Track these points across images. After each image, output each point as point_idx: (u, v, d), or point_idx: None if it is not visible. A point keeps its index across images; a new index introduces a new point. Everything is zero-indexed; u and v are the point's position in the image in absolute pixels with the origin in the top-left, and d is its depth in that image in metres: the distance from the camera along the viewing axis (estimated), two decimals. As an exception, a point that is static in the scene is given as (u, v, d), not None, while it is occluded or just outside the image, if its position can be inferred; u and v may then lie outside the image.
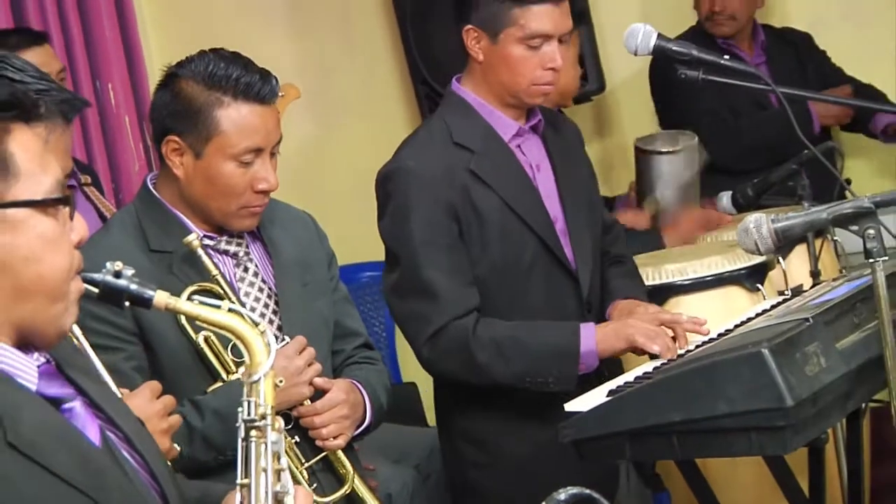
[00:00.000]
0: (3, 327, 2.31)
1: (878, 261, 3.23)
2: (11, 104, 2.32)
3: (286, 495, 2.50)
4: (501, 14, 3.97)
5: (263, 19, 6.61)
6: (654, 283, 4.45)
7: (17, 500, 2.23)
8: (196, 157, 3.59)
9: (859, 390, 3.63)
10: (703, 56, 4.02)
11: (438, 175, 3.97)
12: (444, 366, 3.99)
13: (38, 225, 2.31)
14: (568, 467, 3.53)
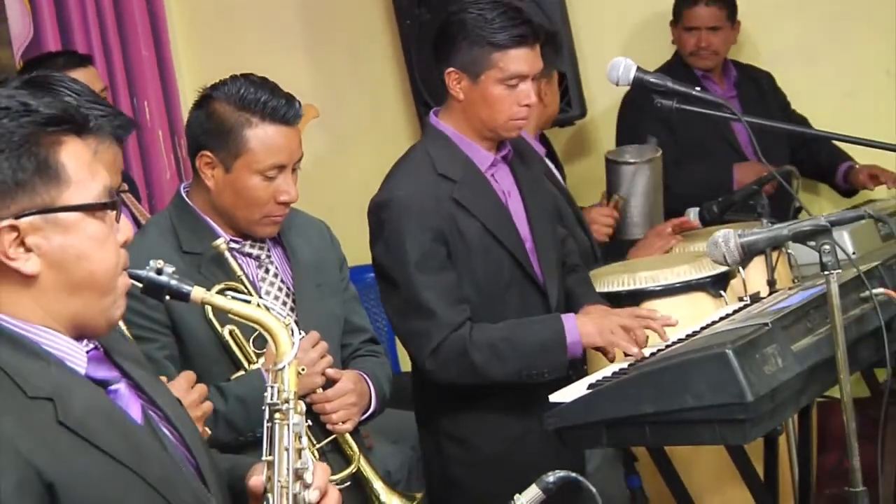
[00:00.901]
0: (59, 318, 2.33)
1: (833, 273, 3.24)
2: (64, 119, 2.33)
3: (306, 471, 2.51)
4: (482, 58, 3.97)
5: (283, 46, 6.61)
6: (629, 289, 4.44)
7: (68, 474, 2.23)
8: (226, 170, 3.59)
9: (811, 388, 3.64)
10: (676, 87, 4.02)
11: (427, 204, 3.96)
12: (446, 375, 3.98)
13: (87, 227, 2.32)
14: (539, 463, 3.52)
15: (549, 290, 4.14)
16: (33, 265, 2.28)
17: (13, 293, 2.30)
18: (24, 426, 2.21)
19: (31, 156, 2.27)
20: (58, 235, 2.29)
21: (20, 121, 2.27)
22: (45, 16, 5.89)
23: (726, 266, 3.52)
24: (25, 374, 2.26)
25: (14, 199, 2.26)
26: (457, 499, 4.18)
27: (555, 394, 3.68)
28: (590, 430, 3.57)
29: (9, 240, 2.25)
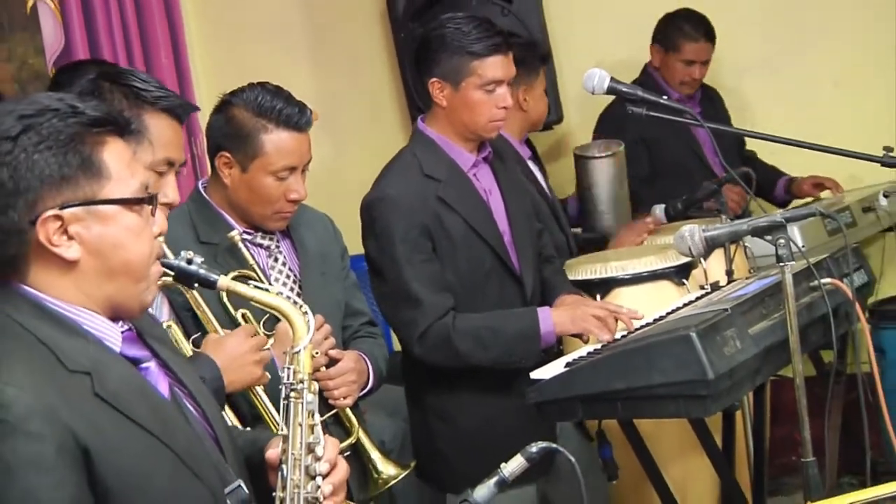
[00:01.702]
0: (96, 300, 2.34)
1: (787, 264, 3.25)
2: (107, 120, 2.34)
3: (317, 445, 2.52)
4: (462, 67, 4.00)
5: (289, 56, 6.61)
6: (601, 277, 4.44)
7: (102, 442, 2.23)
8: (242, 170, 3.60)
9: (766, 367, 3.66)
10: (646, 96, 4.03)
11: (415, 203, 3.98)
12: (433, 359, 4.00)
13: (124, 219, 2.33)
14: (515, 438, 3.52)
15: (525, 280, 4.15)
16: (75, 252, 2.28)
17: (56, 277, 2.31)
18: (64, 397, 2.22)
19: (77, 153, 2.28)
20: (97, 225, 2.30)
21: (67, 121, 2.28)
22: (75, 27, 5.86)
23: (690, 257, 3.54)
24: (66, 349, 2.27)
25: (59, 192, 2.27)
26: (442, 469, 4.19)
27: (535, 371, 3.70)
28: (567, 404, 3.59)
29: (53, 228, 2.26)
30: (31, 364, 2.23)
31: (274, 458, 2.54)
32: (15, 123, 2.26)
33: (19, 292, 2.31)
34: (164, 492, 2.32)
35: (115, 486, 2.24)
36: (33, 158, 2.25)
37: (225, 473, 2.46)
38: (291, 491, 2.49)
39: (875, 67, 6.09)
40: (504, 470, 2.56)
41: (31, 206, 2.26)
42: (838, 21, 6.13)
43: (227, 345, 3.27)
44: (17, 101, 2.34)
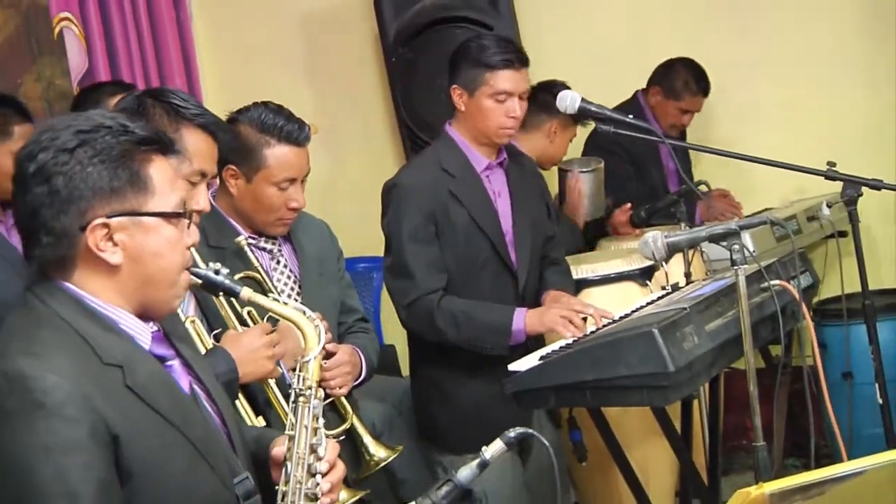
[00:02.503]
0: (130, 302, 2.35)
1: (740, 267, 3.25)
2: (154, 140, 2.36)
3: (319, 446, 2.53)
4: (477, 77, 4.05)
5: (289, 77, 6.60)
6: (575, 278, 4.47)
7: (130, 429, 2.25)
8: (247, 181, 3.60)
9: (720, 360, 3.66)
10: (613, 115, 4.03)
11: (426, 192, 4.05)
12: (414, 326, 4.09)
13: (164, 230, 2.35)
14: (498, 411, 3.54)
15: (520, 276, 4.16)
16: (118, 257, 2.30)
17: (97, 278, 2.32)
18: (98, 386, 2.23)
19: (126, 168, 2.30)
20: (140, 235, 2.32)
21: (119, 138, 2.30)
22: (98, 51, 5.86)
23: (653, 261, 3.53)
24: (102, 343, 2.29)
25: (108, 202, 2.28)
26: (439, 439, 4.22)
27: (512, 364, 3.71)
28: (541, 393, 3.59)
29: (101, 235, 2.28)
30: (70, 354, 2.24)
31: (279, 455, 2.55)
32: (72, 138, 2.28)
33: (63, 289, 2.33)
34: (181, 478, 2.33)
35: (138, 471, 2.25)
36: (87, 170, 2.27)
37: (235, 466, 2.46)
38: (294, 486, 2.48)
39: (819, 92, 6.09)
40: (485, 453, 2.55)
41: (82, 213, 2.27)
42: (788, 51, 6.13)
43: (243, 340, 3.27)
44: (73, 117, 2.36)
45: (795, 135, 5.81)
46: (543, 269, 4.31)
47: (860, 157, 4.69)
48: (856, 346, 4.77)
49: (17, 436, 2.15)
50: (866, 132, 5.94)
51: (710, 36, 6.22)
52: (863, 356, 4.26)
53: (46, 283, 2.33)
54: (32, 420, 2.14)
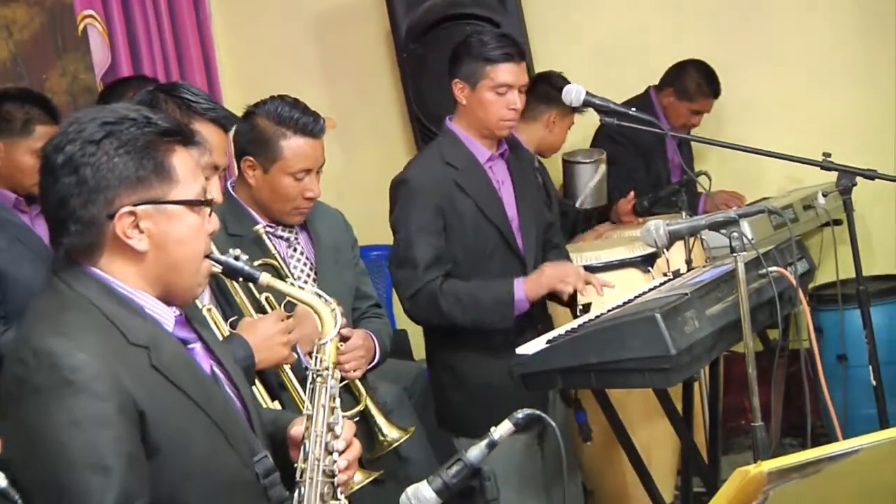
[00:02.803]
0: (154, 286, 2.36)
1: (739, 254, 3.25)
2: (176, 131, 2.37)
3: (336, 425, 2.53)
4: (478, 70, 4.05)
5: (305, 72, 6.60)
6: (580, 265, 4.45)
7: (155, 406, 2.26)
8: (264, 172, 3.60)
9: (720, 344, 3.66)
10: (617, 108, 4.03)
11: (433, 185, 4.04)
12: (420, 315, 4.09)
13: (187, 218, 2.36)
14: (512, 393, 3.54)
15: (527, 260, 4.16)
16: (144, 244, 2.31)
17: (124, 264, 2.33)
18: (126, 365, 2.24)
19: (151, 158, 2.30)
20: (164, 222, 2.32)
21: (143, 130, 2.31)
22: (120, 47, 5.86)
23: (655, 248, 3.53)
24: (129, 325, 2.30)
25: (134, 191, 2.29)
26: (452, 419, 4.23)
27: (520, 347, 3.70)
28: (547, 375, 3.60)
29: (128, 222, 2.28)
30: (98, 335, 2.25)
31: (297, 434, 2.55)
32: (98, 129, 2.28)
33: (90, 274, 2.33)
34: (203, 455, 2.34)
35: (163, 445, 2.27)
36: (114, 161, 2.27)
37: (254, 445, 2.47)
38: (312, 463, 2.49)
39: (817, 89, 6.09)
40: (494, 433, 2.55)
41: (109, 202, 2.28)
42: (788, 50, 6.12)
43: (259, 328, 3.28)
44: (98, 109, 2.37)
45: (793, 129, 5.80)
46: (547, 252, 4.31)
47: (856, 151, 4.67)
48: (850, 329, 4.76)
49: (47, 411, 2.16)
50: (863, 128, 5.93)
51: (712, 34, 6.20)
52: (857, 340, 4.26)
53: (73, 268, 2.33)
54: (61, 396, 2.15)
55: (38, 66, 5.60)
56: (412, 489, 2.54)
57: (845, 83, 6.05)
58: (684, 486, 4.49)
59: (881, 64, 5.98)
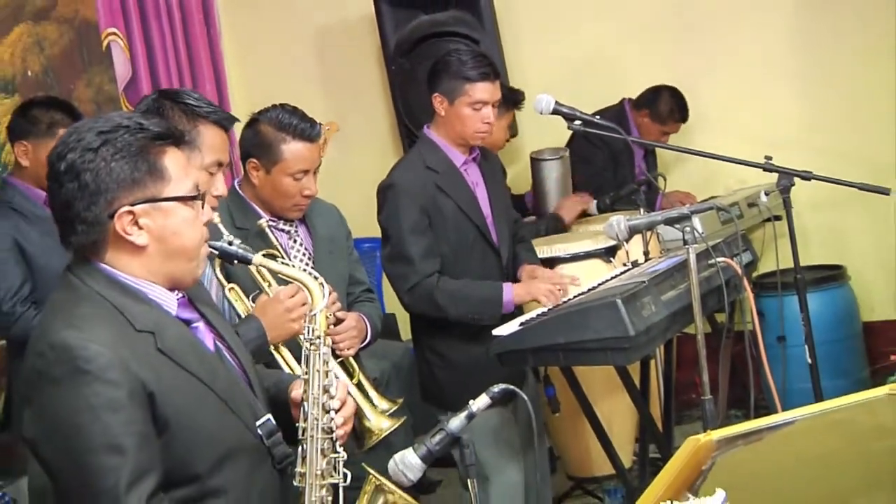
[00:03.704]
0: (158, 275, 2.35)
1: (691, 246, 3.24)
2: (167, 134, 2.35)
3: (331, 386, 2.51)
4: (457, 87, 3.99)
5: (305, 85, 6.58)
6: (549, 256, 4.44)
7: (163, 386, 2.25)
8: (266, 173, 3.58)
9: (673, 326, 3.68)
10: (584, 116, 4.02)
11: (417, 189, 3.97)
12: (417, 308, 4.00)
13: (181, 212, 2.33)
14: (491, 371, 3.51)
15: (501, 252, 4.12)
16: (143, 239, 2.30)
17: (126, 257, 2.32)
18: (134, 351, 2.23)
19: (144, 161, 2.29)
20: (161, 217, 2.31)
21: (136, 136, 2.29)
22: (140, 61, 5.85)
23: (617, 241, 3.52)
24: (135, 314, 2.29)
25: (131, 192, 2.27)
26: (438, 395, 4.16)
27: (496, 329, 3.71)
28: (520, 354, 3.61)
29: (127, 220, 2.27)
30: (108, 325, 2.24)
31: (297, 397, 2.54)
32: (95, 138, 2.27)
33: (97, 268, 2.32)
34: (210, 425, 2.33)
35: (172, 421, 2.26)
36: (111, 166, 2.26)
37: (256, 409, 2.46)
38: (311, 422, 2.48)
39: (758, 100, 6.09)
40: (472, 406, 2.55)
41: (109, 203, 2.27)
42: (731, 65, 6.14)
43: (268, 309, 3.26)
44: (94, 119, 2.35)
45: (739, 136, 5.77)
46: (515, 246, 4.27)
47: (794, 155, 4.66)
48: (788, 314, 4.77)
49: (65, 399, 2.16)
50: (800, 134, 5.92)
51: (671, 54, 6.20)
52: (794, 323, 4.26)
53: (84, 265, 2.33)
54: (78, 385, 2.15)
55: (67, 77, 5.57)
56: (399, 455, 2.54)
57: (785, 95, 6.06)
58: (641, 452, 4.50)
59: (815, 78, 5.99)
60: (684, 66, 6.13)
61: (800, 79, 6.02)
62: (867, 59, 5.85)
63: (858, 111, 5.88)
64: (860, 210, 5.72)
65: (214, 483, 2.33)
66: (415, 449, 2.52)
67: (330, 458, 2.49)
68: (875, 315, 5.86)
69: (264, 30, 6.77)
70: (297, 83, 6.50)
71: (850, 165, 4.71)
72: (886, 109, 5.81)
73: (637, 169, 5.88)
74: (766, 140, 5.39)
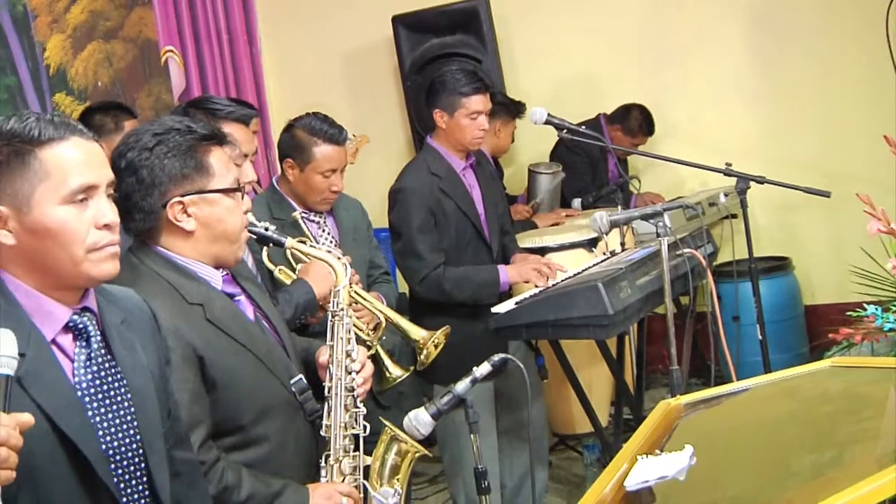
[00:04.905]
0: (205, 256, 2.36)
1: (664, 238, 3.23)
2: (212, 136, 2.36)
3: (352, 351, 2.53)
4: (455, 102, 3.95)
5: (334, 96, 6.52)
6: (539, 246, 4.42)
7: (211, 351, 2.27)
8: (300, 171, 3.57)
9: (645, 307, 3.68)
10: (570, 126, 4.01)
11: (424, 191, 3.93)
12: (428, 295, 3.95)
13: (225, 202, 2.34)
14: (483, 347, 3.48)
15: (492, 245, 4.08)
16: (192, 225, 2.31)
17: (179, 241, 2.33)
18: (186, 320, 2.25)
19: (192, 158, 2.30)
20: (207, 207, 2.32)
21: (186, 137, 2.31)
22: (192, 74, 5.84)
23: (598, 233, 3.51)
24: (187, 289, 2.30)
25: (181, 185, 2.29)
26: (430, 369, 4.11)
27: (494, 307, 3.71)
28: (515, 328, 3.63)
29: (177, 209, 2.30)
30: (164, 298, 2.25)
31: (324, 361, 2.55)
32: (151, 139, 2.30)
33: (154, 250, 2.34)
34: (251, 384, 2.35)
35: (219, 380, 2.28)
36: (164, 163, 2.28)
37: (291, 370, 2.47)
38: (336, 382, 2.49)
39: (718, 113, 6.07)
40: (476, 371, 2.55)
41: (162, 194, 2.29)
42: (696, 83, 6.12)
43: (310, 270, 3.29)
44: (150, 122, 2.38)
45: (702, 145, 5.77)
46: (502, 238, 4.22)
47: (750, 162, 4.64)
48: (743, 297, 4.74)
49: None
50: (756, 144, 5.91)
51: (645, 73, 6.17)
52: (748, 304, 4.24)
53: (143, 247, 2.35)
54: None
55: (131, 88, 5.57)
56: (413, 413, 2.54)
57: (741, 111, 6.04)
58: (616, 413, 4.50)
59: (767, 97, 5.97)
60: (655, 86, 6.11)
61: (754, 98, 6.01)
62: (811, 81, 5.85)
63: (804, 125, 5.87)
64: (804, 210, 5.71)
65: (256, 432, 2.35)
66: (426, 408, 2.52)
67: (352, 413, 2.50)
68: (815, 300, 5.85)
69: (299, 49, 6.75)
70: (327, 95, 6.48)
71: (797, 171, 4.68)
72: (828, 124, 5.81)
73: (610, 174, 5.87)
74: (725, 149, 5.39)
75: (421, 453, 2.60)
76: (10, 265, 1.78)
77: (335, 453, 2.47)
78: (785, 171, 4.41)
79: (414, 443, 2.58)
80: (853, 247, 3.52)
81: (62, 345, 1.80)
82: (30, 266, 1.77)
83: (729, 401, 2.42)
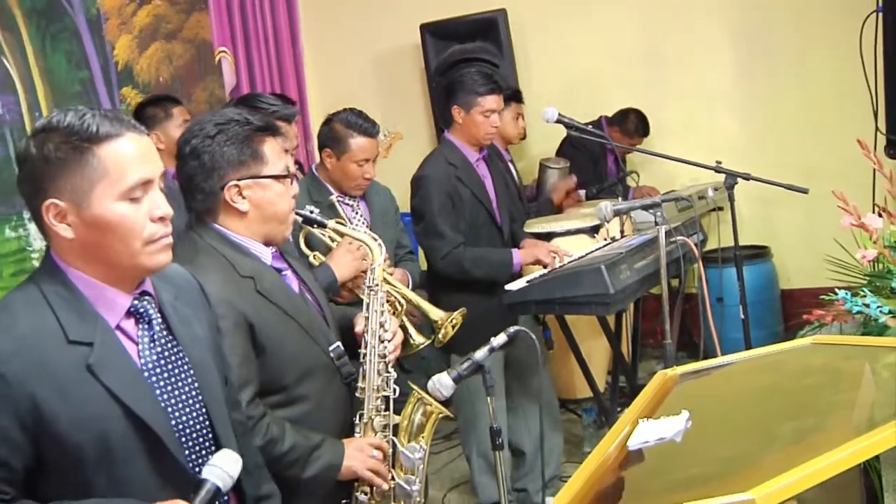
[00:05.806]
0: (256, 234, 2.34)
1: (662, 227, 3.19)
2: (266, 127, 2.34)
3: (385, 322, 2.52)
4: (471, 100, 3.92)
5: (367, 95, 6.50)
6: (546, 231, 4.37)
7: (260, 319, 2.26)
8: (337, 160, 3.56)
9: (642, 288, 3.66)
10: (578, 125, 3.98)
11: (442, 178, 3.89)
12: (448, 272, 3.89)
13: (275, 187, 2.33)
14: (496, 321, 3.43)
15: (503, 230, 4.05)
16: (246, 206, 2.31)
17: (234, 220, 2.32)
18: (238, 292, 2.24)
19: (248, 147, 2.29)
20: (259, 191, 2.31)
21: (244, 127, 2.30)
22: (242, 72, 5.82)
23: (602, 221, 3.48)
24: (239, 262, 2.29)
25: (238, 170, 2.28)
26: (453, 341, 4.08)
27: (508, 285, 3.68)
28: (526, 304, 3.61)
29: (234, 192, 2.29)
30: (219, 272, 2.25)
31: (359, 330, 2.54)
32: (213, 128, 2.28)
33: (212, 228, 2.33)
34: (294, 348, 2.34)
35: (267, 346, 2.27)
36: (223, 150, 2.27)
37: (330, 337, 2.47)
38: (370, 349, 2.49)
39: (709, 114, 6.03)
40: (493, 341, 2.53)
41: (221, 178, 2.28)
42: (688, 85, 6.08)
43: (335, 255, 3.25)
44: (213, 113, 2.37)
45: (695, 144, 5.71)
46: (512, 224, 4.19)
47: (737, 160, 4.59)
48: (727, 281, 4.72)
49: None
50: (742, 143, 5.87)
51: (644, 78, 6.12)
52: (731, 288, 4.22)
53: (202, 225, 2.33)
54: None
55: (188, 84, 5.55)
56: (436, 377, 2.52)
57: (730, 115, 5.99)
58: (613, 381, 4.46)
59: (754, 101, 5.92)
60: (652, 92, 6.06)
61: (740, 104, 5.96)
62: (791, 89, 5.80)
63: (785, 129, 5.83)
64: (784, 204, 5.66)
65: (298, 392, 2.35)
66: (448, 373, 2.51)
67: (384, 377, 2.50)
68: (791, 284, 5.82)
69: (337, 52, 6.73)
70: (361, 93, 6.46)
71: (778, 170, 4.62)
72: (806, 127, 5.76)
73: (609, 170, 5.84)
74: (714, 149, 5.33)
75: (444, 414, 2.59)
76: (70, 258, 1.70)
77: (368, 412, 2.47)
78: (767, 169, 4.36)
79: (438, 405, 2.57)
80: (827, 238, 3.47)
81: (126, 329, 1.74)
82: (90, 258, 1.69)
83: (719, 372, 2.40)
